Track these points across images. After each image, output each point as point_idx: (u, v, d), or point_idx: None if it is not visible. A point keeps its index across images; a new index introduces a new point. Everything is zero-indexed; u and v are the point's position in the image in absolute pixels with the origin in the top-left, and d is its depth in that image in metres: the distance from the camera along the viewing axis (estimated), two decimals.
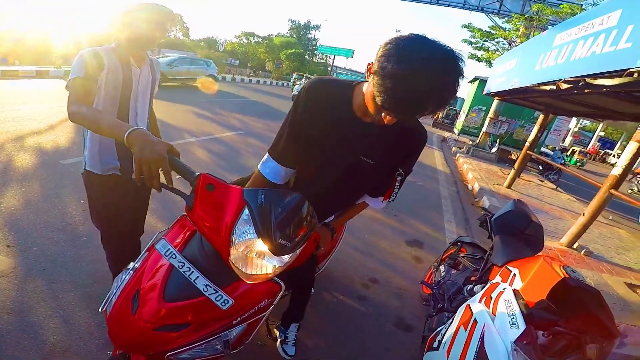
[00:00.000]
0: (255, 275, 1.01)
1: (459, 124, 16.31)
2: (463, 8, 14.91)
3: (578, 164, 17.48)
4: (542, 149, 13.07)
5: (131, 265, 1.17)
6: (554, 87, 3.70)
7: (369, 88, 0.92)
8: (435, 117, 22.40)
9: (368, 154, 1.14)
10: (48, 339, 1.68)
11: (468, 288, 1.76)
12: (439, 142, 14.19)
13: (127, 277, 1.13)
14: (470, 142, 12.40)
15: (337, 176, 1.21)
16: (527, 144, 6.94)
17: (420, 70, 0.78)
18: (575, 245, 4.29)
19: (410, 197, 5.13)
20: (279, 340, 1.84)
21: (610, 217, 7.19)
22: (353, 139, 1.12)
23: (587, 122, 35.75)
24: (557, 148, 13.37)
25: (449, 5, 15.31)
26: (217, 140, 6.35)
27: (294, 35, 45.78)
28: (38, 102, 6.60)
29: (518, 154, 8.05)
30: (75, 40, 10.96)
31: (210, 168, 4.77)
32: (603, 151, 30.68)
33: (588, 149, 29.26)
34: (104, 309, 1.13)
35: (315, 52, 48.61)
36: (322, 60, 49.77)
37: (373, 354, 2.03)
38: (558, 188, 8.94)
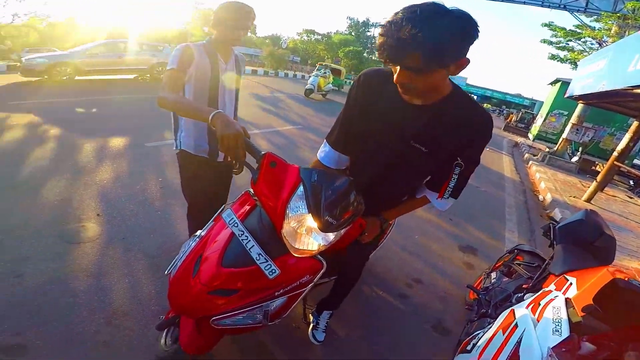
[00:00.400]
0: (302, 250, 1.12)
1: (535, 128, 15.02)
2: (542, 6, 13.74)
3: None
4: (636, 161, 11.34)
5: (198, 233, 1.34)
6: None
7: None
8: (508, 120, 20.90)
9: (419, 140, 1.11)
10: (114, 302, 1.87)
11: (518, 296, 1.63)
12: (510, 147, 13.09)
13: (193, 244, 1.29)
14: (547, 149, 11.28)
15: (387, 163, 1.23)
16: (616, 153, 6.12)
17: (402, 12, 0.84)
18: None
19: (470, 202, 4.84)
20: (311, 325, 1.90)
21: None
22: (403, 125, 1.13)
23: None
24: None
25: (524, 3, 14.07)
26: (278, 133, 6.75)
27: (353, 33, 45.58)
28: None
29: (604, 165, 7.10)
30: None
31: None
32: None
33: None
34: (169, 272, 1.31)
35: (374, 50, 48.03)
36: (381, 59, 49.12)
37: (403, 353, 1.99)
38: None
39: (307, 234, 1.12)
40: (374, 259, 2.64)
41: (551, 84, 14.48)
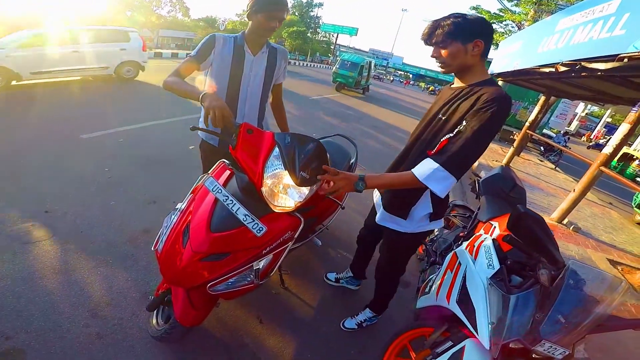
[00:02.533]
0: (282, 207, 1.27)
1: None
2: None
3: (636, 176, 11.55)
4: (545, 131, 13.15)
5: (178, 206, 1.41)
6: (552, 69, 3.86)
7: None
8: (429, 90, 21.87)
9: (442, 110, 1.32)
10: (92, 294, 1.87)
11: (457, 244, 2.01)
12: None
13: (175, 217, 1.37)
14: None
15: (415, 136, 1.44)
16: (527, 123, 7.11)
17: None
18: (565, 221, 4.51)
19: None
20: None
21: (611, 203, 7.38)
22: (440, 103, 1.37)
23: (595, 108, 35.29)
24: (560, 131, 13.43)
25: None
26: None
27: (296, 13, 44.90)
28: None
29: (519, 134, 8.20)
30: None
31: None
32: (609, 137, 30.22)
33: (594, 134, 29.27)
34: (155, 247, 1.37)
35: (318, 30, 47.65)
36: (324, 39, 48.84)
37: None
38: (557, 168, 9.13)
39: (283, 191, 1.26)
40: (336, 223, 2.96)
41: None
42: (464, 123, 1.18)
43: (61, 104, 5.64)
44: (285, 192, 1.26)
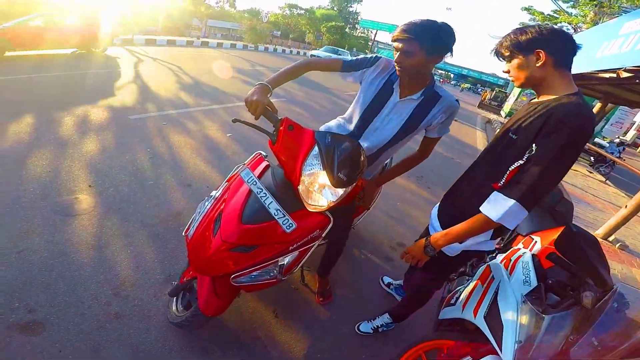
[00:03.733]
0: (314, 206, 1.24)
1: (507, 106, 15.64)
2: None
3: None
4: (597, 140, 12.14)
5: (213, 193, 1.43)
6: (613, 75, 3.63)
7: None
8: (482, 97, 21.40)
9: (514, 129, 1.17)
10: (119, 273, 1.91)
11: (491, 256, 1.86)
12: (483, 123, 13.88)
13: (208, 204, 1.38)
14: None
15: (487, 150, 1.32)
16: None
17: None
18: (611, 238, 4.16)
19: (445, 172, 5.21)
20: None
21: None
22: (514, 119, 1.23)
23: None
24: (614, 140, 12.31)
25: None
26: None
27: (335, 8, 44.93)
28: None
29: None
30: None
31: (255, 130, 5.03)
32: None
33: None
34: (187, 233, 1.39)
35: (356, 25, 47.19)
36: (362, 34, 48.27)
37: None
38: (607, 181, 8.39)
39: (318, 191, 1.23)
40: (362, 224, 2.88)
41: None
42: (534, 147, 1.03)
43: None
44: (320, 191, 1.23)
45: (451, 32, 1.24)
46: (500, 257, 1.66)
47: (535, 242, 1.53)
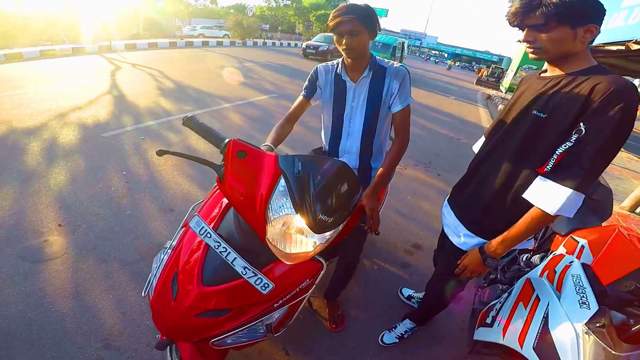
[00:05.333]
0: (295, 255, 0.94)
1: (506, 82, 15.75)
2: None
3: None
4: None
5: (168, 243, 1.14)
6: (622, 47, 3.58)
7: None
8: (480, 74, 21.69)
9: (539, 106, 1.04)
10: (105, 322, 1.72)
11: (524, 258, 1.62)
12: (484, 100, 13.83)
13: (165, 257, 1.10)
14: None
15: (504, 131, 1.17)
16: None
17: None
18: (638, 210, 3.91)
19: (453, 155, 4.91)
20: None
21: None
22: (529, 96, 1.10)
23: None
24: None
25: None
26: (251, 105, 6.26)
27: None
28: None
29: None
30: None
31: (247, 132, 4.72)
32: None
33: None
34: (147, 292, 1.12)
35: None
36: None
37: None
38: None
39: (299, 232, 0.94)
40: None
41: (519, 41, 15.00)
42: (583, 126, 0.90)
43: None
44: (301, 232, 0.93)
45: (374, 10, 1.31)
46: (537, 263, 1.43)
47: (582, 246, 1.27)
